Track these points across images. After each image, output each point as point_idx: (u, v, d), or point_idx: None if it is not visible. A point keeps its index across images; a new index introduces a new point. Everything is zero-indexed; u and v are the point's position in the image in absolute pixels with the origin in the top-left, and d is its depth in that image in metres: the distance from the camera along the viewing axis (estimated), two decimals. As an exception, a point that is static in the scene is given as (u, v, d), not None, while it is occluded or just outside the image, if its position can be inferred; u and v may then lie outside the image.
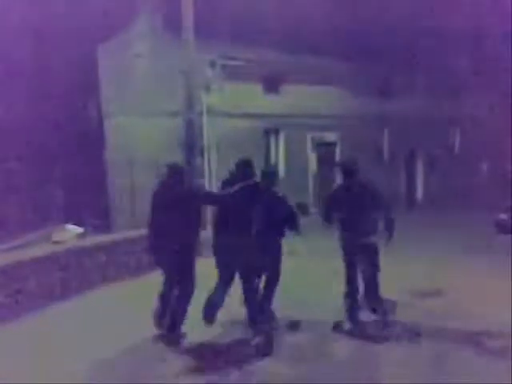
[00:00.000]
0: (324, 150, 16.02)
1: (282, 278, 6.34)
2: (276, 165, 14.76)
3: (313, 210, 7.43)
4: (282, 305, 6.50)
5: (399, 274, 7.42)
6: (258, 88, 14.25)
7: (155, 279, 8.79)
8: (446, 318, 6.56)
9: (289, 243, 6.71)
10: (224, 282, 5.92)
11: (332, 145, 16.29)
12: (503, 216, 12.70)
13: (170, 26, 12.26)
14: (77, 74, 15.97)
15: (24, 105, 15.31)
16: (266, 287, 6.25)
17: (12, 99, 14.94)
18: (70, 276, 7.89)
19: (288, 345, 5.77)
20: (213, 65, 13.02)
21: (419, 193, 19.55)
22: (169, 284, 5.90)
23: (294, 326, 6.25)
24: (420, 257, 9.40)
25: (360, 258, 6.11)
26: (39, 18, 15.21)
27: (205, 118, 12.83)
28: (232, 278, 5.93)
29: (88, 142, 15.67)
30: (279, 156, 15.05)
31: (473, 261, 9.29)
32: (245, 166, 5.88)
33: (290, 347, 5.71)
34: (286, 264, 6.53)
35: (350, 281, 6.14)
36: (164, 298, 5.92)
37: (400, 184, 18.45)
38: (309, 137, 15.60)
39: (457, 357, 5.40)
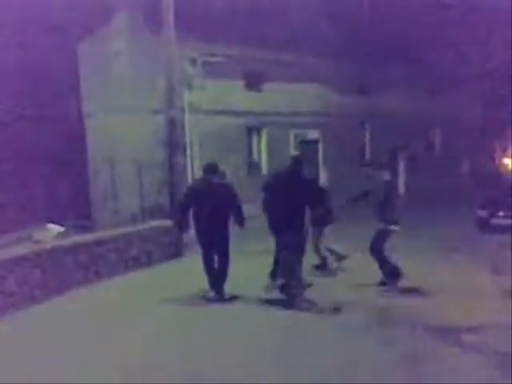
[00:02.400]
0: (306, 147, 16.06)
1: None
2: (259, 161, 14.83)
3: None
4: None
5: (378, 270, 7.50)
6: (240, 85, 14.24)
7: (138, 278, 8.82)
8: (425, 314, 6.60)
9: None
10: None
11: (314, 142, 16.33)
12: (481, 213, 12.79)
13: (151, 23, 12.17)
14: (57, 72, 15.81)
15: (4, 104, 15.09)
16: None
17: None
18: (52, 275, 7.80)
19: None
20: (194, 62, 12.97)
21: (401, 191, 19.66)
22: (209, 257, 7.25)
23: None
24: (400, 254, 9.43)
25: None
26: (18, 16, 15.02)
27: (187, 116, 12.78)
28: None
29: (69, 140, 15.51)
30: (261, 153, 15.05)
31: (453, 257, 9.37)
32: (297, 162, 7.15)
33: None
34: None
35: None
36: (209, 266, 7.28)
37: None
38: (291, 134, 15.62)
39: (436, 352, 5.43)
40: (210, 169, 7.33)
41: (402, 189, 19.65)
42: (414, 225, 12.91)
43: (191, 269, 8.78)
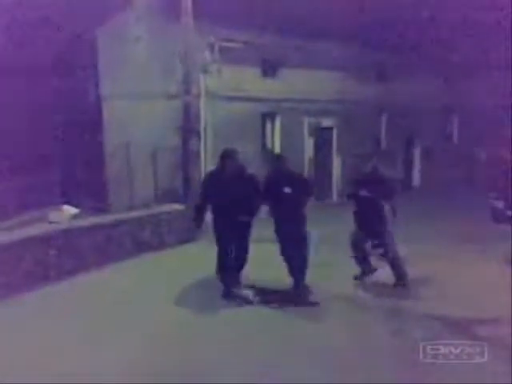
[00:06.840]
0: (321, 135, 15.98)
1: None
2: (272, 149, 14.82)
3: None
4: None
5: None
6: (257, 71, 14.18)
7: (151, 260, 8.92)
8: (436, 304, 6.60)
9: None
10: None
11: (329, 130, 16.24)
12: (497, 204, 12.69)
13: (169, 9, 12.16)
14: (75, 56, 15.90)
15: (21, 86, 15.21)
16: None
17: (8, 80, 14.83)
18: (67, 256, 7.90)
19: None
20: (211, 47, 12.92)
21: (416, 180, 19.55)
22: (226, 247, 6.85)
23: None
24: (412, 244, 9.38)
25: None
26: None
27: (202, 101, 12.78)
28: None
29: (86, 123, 15.62)
30: (275, 140, 15.01)
31: (466, 248, 9.32)
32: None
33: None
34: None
35: None
36: (223, 258, 6.90)
37: (397, 171, 18.39)
38: (306, 121, 15.55)
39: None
40: (227, 155, 7.01)
41: (416, 178, 19.55)
42: (427, 215, 12.91)
43: (204, 253, 8.86)
